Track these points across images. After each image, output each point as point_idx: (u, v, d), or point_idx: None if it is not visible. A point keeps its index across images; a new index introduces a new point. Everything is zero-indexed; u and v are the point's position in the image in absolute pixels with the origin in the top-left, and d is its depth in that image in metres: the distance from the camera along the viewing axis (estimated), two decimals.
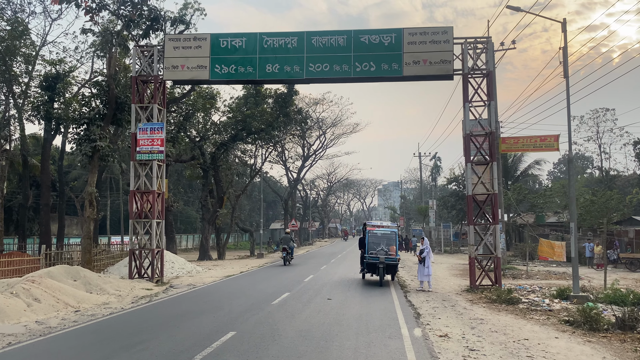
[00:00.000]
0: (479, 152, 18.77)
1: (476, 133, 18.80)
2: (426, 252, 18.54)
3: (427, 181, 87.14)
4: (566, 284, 21.33)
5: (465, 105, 18.77)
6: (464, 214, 54.64)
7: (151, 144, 19.80)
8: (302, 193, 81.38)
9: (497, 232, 18.28)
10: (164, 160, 20.60)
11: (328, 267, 27.25)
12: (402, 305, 13.69)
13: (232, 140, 40.17)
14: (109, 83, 21.86)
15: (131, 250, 19.98)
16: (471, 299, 15.87)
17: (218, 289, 17.51)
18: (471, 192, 18.44)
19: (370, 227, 19.52)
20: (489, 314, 12.92)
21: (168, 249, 33.22)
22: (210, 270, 26.85)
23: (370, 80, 20.22)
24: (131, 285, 18.05)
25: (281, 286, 17.44)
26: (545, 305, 14.64)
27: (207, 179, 40.79)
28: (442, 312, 13.05)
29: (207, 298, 14.89)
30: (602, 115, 62.15)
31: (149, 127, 19.87)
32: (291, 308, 12.39)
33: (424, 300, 15.12)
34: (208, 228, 40.93)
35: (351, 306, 13.03)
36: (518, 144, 17.97)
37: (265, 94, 40.59)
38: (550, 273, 27.05)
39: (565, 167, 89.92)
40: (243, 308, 12.46)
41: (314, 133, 66.19)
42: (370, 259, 18.30)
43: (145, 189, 20.12)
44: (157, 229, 20.21)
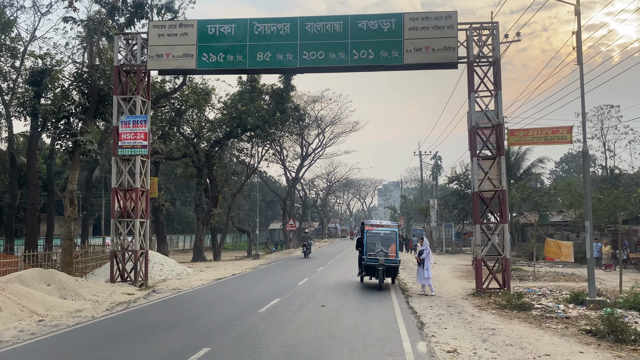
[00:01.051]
0: (485, 145, 17.46)
1: (482, 125, 17.50)
2: (426, 254, 17.26)
3: (427, 181, 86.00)
4: (577, 287, 20.09)
5: (471, 96, 17.46)
6: (466, 213, 53.69)
7: (134, 138, 18.49)
8: (301, 193, 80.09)
9: (506, 231, 16.97)
10: (148, 156, 19.29)
11: (325, 269, 25.92)
12: (404, 312, 12.38)
13: (226, 138, 38.88)
14: (91, 74, 20.54)
15: (112, 252, 18.65)
16: (479, 304, 14.56)
17: (204, 294, 16.19)
18: (477, 189, 17.13)
19: (369, 227, 18.18)
20: (501, 323, 11.61)
21: (159, 251, 32.00)
22: (201, 273, 25.56)
23: (369, 69, 18.92)
24: (111, 290, 16.73)
25: (272, 291, 16.12)
26: (561, 311, 13.33)
27: (201, 178, 39.50)
28: (448, 320, 11.74)
29: (189, 305, 13.58)
30: (606, 112, 60.78)
31: (132, 120, 18.56)
32: (279, 317, 11.07)
33: (427, 306, 13.81)
34: (202, 228, 39.61)
35: (347, 314, 11.71)
36: (528, 136, 16.65)
37: (262, 89, 39.35)
38: (558, 274, 25.80)
39: (567, 166, 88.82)
40: (225, 317, 11.14)
41: (313, 132, 65.06)
42: (369, 261, 16.98)
43: (128, 186, 18.81)
44: (141, 229, 18.90)
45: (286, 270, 24.56)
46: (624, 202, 35.72)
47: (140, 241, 18.82)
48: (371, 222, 18.78)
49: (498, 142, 17.32)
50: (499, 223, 17.24)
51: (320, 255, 41.26)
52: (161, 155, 30.19)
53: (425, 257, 17.24)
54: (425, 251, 17.38)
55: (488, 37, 17.68)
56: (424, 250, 17.41)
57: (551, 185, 53.31)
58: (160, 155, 30.11)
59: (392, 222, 20.40)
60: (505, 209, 17.12)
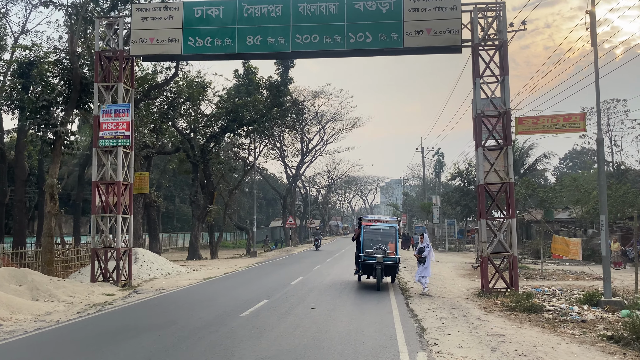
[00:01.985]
0: (491, 135, 16.25)
1: (488, 113, 16.31)
2: (427, 252, 16.13)
3: (430, 177, 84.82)
4: (588, 286, 18.95)
5: (476, 81, 16.25)
6: (469, 210, 52.46)
7: (116, 128, 17.32)
8: (302, 190, 78.95)
9: (513, 226, 15.77)
10: (132, 147, 18.13)
11: (322, 267, 24.76)
12: (403, 315, 11.20)
13: (222, 132, 37.72)
14: (72, 61, 19.36)
15: (93, 250, 17.50)
16: (485, 305, 13.38)
17: (188, 294, 15.04)
18: (483, 181, 15.93)
19: (367, 222, 16.98)
20: (510, 327, 10.42)
21: (151, 249, 30.89)
22: (193, 272, 24.42)
23: (366, 54, 17.70)
24: (90, 290, 15.58)
25: (262, 291, 14.95)
26: (576, 314, 12.14)
27: (197, 174, 38.36)
28: (451, 324, 10.56)
29: (169, 307, 12.42)
30: (612, 107, 59.30)
31: (113, 109, 17.39)
32: (262, 322, 9.89)
33: (428, 309, 12.63)
34: (198, 225, 38.48)
35: (339, 318, 10.53)
36: (537, 124, 15.42)
37: (259, 83, 38.16)
38: (566, 272, 24.61)
39: (571, 162, 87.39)
40: (203, 322, 9.97)
41: (313, 128, 63.89)
42: (366, 259, 15.79)
43: (110, 179, 17.66)
44: (124, 225, 17.75)
45: (281, 269, 23.41)
46: (633, 197, 34.45)
47: (123, 238, 17.68)
48: (369, 217, 17.57)
49: (505, 131, 16.11)
50: (505, 218, 16.04)
51: (318, 253, 40.15)
52: (153, 150, 29.00)
53: (426, 255, 16.11)
54: (427, 249, 16.25)
55: (494, 19, 16.47)
56: (425, 248, 16.28)
57: (557, 181, 51.94)
58: (152, 150, 28.92)
59: (392, 217, 19.20)
60: (513, 203, 15.93)
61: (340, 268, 23.50)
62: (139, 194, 28.67)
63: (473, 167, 52.66)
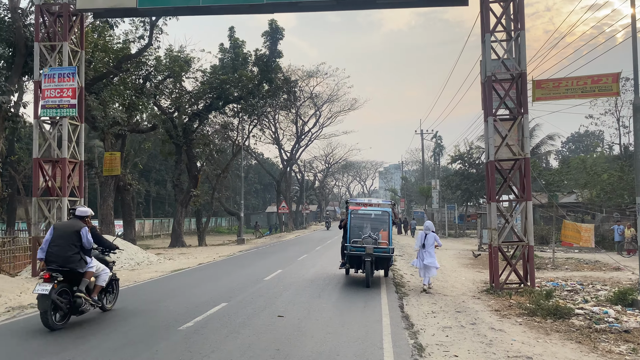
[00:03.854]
0: (503, 102, 13.63)
1: (499, 77, 13.67)
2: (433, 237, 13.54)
3: (429, 162, 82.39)
4: (607, 277, 16.56)
5: (486, 38, 13.57)
6: (470, 194, 49.91)
7: (60, 95, 14.68)
8: (298, 175, 76.45)
9: (529, 210, 13.22)
10: (82, 119, 15.49)
11: (308, 256, 22.23)
12: (395, 326, 8.67)
13: (206, 111, 34.98)
14: (15, 18, 16.67)
15: (34, 239, 14.96)
16: (497, 307, 10.88)
17: (137, 293, 12.49)
18: (493, 157, 13.33)
19: (354, 206, 14.39)
20: (536, 343, 7.92)
21: (126, 237, 28.36)
22: (166, 262, 21.95)
23: (357, 6, 15.01)
24: (24, 288, 13.08)
25: (225, 290, 12.39)
26: (613, 320, 9.63)
27: (180, 155, 35.72)
28: (458, 338, 8.05)
29: (92, 315, 9.80)
30: (620, 86, 56.41)
31: (57, 73, 14.73)
32: (202, 341, 7.26)
33: (428, 313, 10.11)
34: (181, 211, 35.93)
35: (310, 333, 7.97)
36: (560, 88, 12.82)
37: (246, 57, 35.35)
38: (580, 262, 22.22)
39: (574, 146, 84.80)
40: (122, 341, 7.31)
41: (310, 111, 61.15)
42: (354, 250, 13.23)
43: (55, 156, 15.06)
44: None
45: (261, 260, 20.89)
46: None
47: None
48: (357, 201, 14.94)
49: (520, 97, 13.47)
50: (519, 200, 13.48)
51: (309, 239, 37.67)
52: (124, 127, 26.32)
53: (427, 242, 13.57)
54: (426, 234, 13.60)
55: None
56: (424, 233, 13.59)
57: (563, 163, 49.34)
58: (124, 127, 26.24)
59: (385, 201, 16.59)
60: (529, 183, 13.35)
61: (328, 258, 20.96)
62: (110, 175, 26.12)
63: (474, 150, 50.19)
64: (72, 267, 8.58)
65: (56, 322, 8.27)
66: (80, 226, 8.89)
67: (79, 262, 8.67)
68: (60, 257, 8.53)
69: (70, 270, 8.58)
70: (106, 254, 10.07)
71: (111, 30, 26.34)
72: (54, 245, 8.64)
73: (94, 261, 9.16)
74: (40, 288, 8.15)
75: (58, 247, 8.61)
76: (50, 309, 8.14)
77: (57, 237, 8.73)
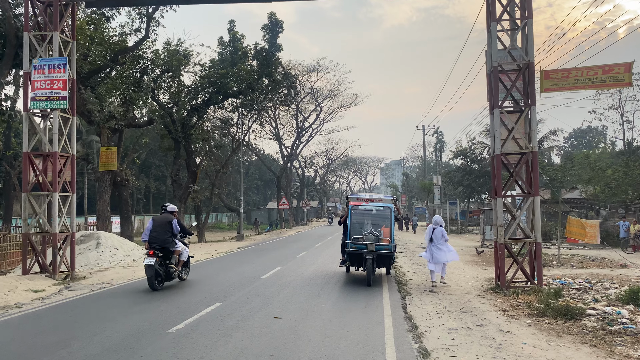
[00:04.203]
0: (509, 94, 13.11)
1: (506, 68, 13.15)
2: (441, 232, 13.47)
3: (430, 158, 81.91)
4: (615, 275, 16.09)
5: (492, 27, 13.04)
6: (472, 190, 49.41)
7: (50, 87, 14.17)
8: (299, 171, 76.00)
9: (537, 206, 12.71)
10: (73, 111, 14.99)
11: (308, 253, 21.75)
12: (398, 328, 8.19)
13: (205, 105, 34.45)
14: (4, 8, 16.15)
15: (25, 236, 14.48)
16: (504, 307, 10.40)
17: (129, 292, 12.03)
18: (500, 151, 12.82)
19: (355, 202, 13.87)
20: (547, 347, 7.44)
21: (123, 233, 27.90)
22: None
23: None
24: (14, 286, 12.63)
25: (220, 289, 11.90)
26: (627, 321, 9.15)
27: (178, 151, 35.21)
28: (465, 342, 7.58)
29: (88, 313, 9.35)
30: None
31: (47, 64, 14.21)
32: (192, 345, 6.79)
33: (432, 313, 9.64)
34: (179, 207, 35.38)
35: (307, 336, 7.48)
36: (569, 79, 12.30)
37: (246, 50, 34.78)
38: (585, 259, 21.77)
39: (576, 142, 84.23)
40: (105, 345, 6.85)
41: (310, 106, 60.63)
42: (354, 248, 12.74)
43: (46, 150, 14.57)
44: (64, 205, 14.72)
45: (260, 256, 20.42)
46: None
47: (62, 221, 14.67)
48: (358, 196, 14.42)
49: (527, 89, 12.95)
50: (527, 196, 12.98)
51: (309, 236, 37.21)
52: (121, 122, 25.81)
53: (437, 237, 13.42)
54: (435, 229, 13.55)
55: None
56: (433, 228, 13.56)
57: (562, 160, 48.81)
58: (120, 122, 25.73)
59: (387, 196, 16.08)
60: (536, 177, 12.84)
61: (328, 255, 20.49)
62: (107, 170, 25.64)
63: (477, 145, 49.70)
64: (167, 247, 12.16)
65: (156, 285, 11.76)
66: (171, 218, 12.58)
67: (171, 243, 12.26)
68: (159, 240, 12.12)
69: (166, 249, 12.15)
70: (185, 238, 13.34)
71: (107, 22, 25.84)
72: (154, 232, 12.22)
73: (179, 243, 12.69)
74: (147, 260, 11.70)
75: (157, 233, 12.20)
76: (154, 275, 11.69)
77: (156, 226, 12.35)
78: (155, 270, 11.62)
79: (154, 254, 11.74)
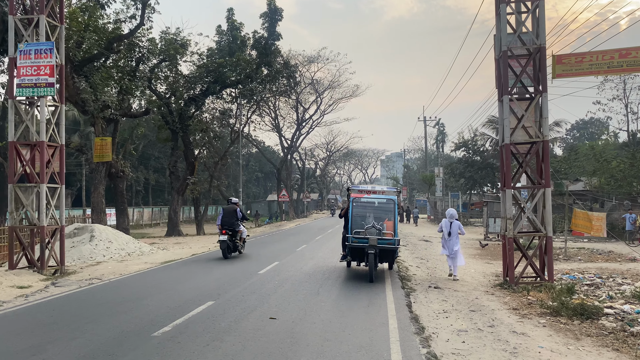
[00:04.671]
0: (519, 81, 12.44)
1: (516, 53, 12.48)
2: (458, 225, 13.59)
3: (431, 150, 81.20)
4: (624, 269, 15.52)
5: (501, 8, 12.34)
6: (474, 182, 48.74)
7: (37, 73, 13.50)
8: (299, 163, 75.37)
9: (548, 198, 12.08)
10: (62, 99, 14.34)
11: (308, 247, 21.15)
12: (404, 330, 7.58)
13: (203, 95, 33.73)
14: None
15: (11, 229, 13.86)
16: (515, 305, 9.80)
17: (119, 288, 11.44)
18: (509, 140, 12.17)
19: (357, 194, 13.22)
20: (567, 351, 6.84)
21: (119, 226, 27.30)
22: (161, 252, 20.98)
23: None
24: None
25: (216, 285, 11.31)
26: None
27: (176, 142, 34.55)
28: (476, 344, 6.98)
29: (69, 313, 8.71)
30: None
31: (34, 49, 13.54)
32: (178, 352, 6.18)
33: (439, 312, 9.03)
34: (177, 199, 34.87)
35: (305, 340, 6.85)
36: (583, 63, 11.63)
37: (244, 39, 34.03)
38: (592, 252, 21.23)
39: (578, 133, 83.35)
40: (84, 351, 6.30)
41: (310, 97, 59.86)
42: (356, 242, 12.10)
43: (33, 140, 13.93)
44: (52, 197, 14.10)
45: (257, 250, 19.81)
46: None
47: (51, 214, 14.06)
48: (360, 187, 13.77)
49: (538, 75, 12.27)
50: (537, 187, 12.34)
51: (309, 228, 36.61)
52: (116, 112, 25.12)
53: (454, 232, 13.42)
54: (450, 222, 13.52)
55: None
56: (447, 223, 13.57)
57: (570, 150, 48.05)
58: (115, 112, 25.05)
59: (390, 188, 15.43)
60: (547, 167, 12.19)
61: (329, 249, 19.88)
62: (102, 162, 25.00)
63: (479, 137, 49.01)
64: (233, 228, 17.02)
65: (228, 254, 16.66)
66: (236, 207, 17.57)
67: (236, 225, 17.11)
68: (228, 223, 16.88)
69: (233, 230, 17.03)
70: (243, 222, 18.07)
71: (102, 10, 25.11)
72: (224, 218, 16.98)
73: (241, 225, 17.55)
74: (221, 237, 16.66)
75: (227, 218, 16.96)
76: (226, 248, 16.57)
77: (225, 214, 17.21)
78: (227, 244, 16.40)
79: (225, 233, 16.55)
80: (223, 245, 16.33)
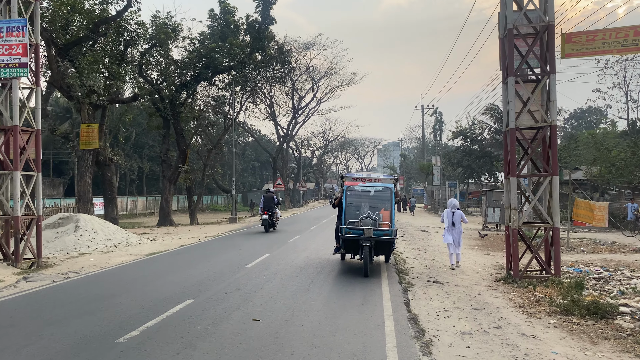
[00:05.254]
0: (525, 61, 11.60)
1: (522, 31, 11.63)
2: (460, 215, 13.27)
3: (428, 139, 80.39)
4: (630, 261, 14.85)
5: None
6: (472, 171, 48.01)
7: (9, 53, 12.59)
8: (295, 152, 74.50)
9: (555, 187, 11.30)
10: (37, 81, 13.44)
11: (301, 238, 20.37)
12: (401, 333, 6.80)
13: (194, 81, 32.76)
14: None
15: None
16: (521, 303, 9.05)
17: (96, 283, 10.64)
18: (514, 124, 11.36)
19: (351, 182, 12.40)
20: (583, 355, 6.11)
21: (107, 215, 26.46)
22: (149, 242, 20.23)
23: None
24: None
25: (198, 280, 10.51)
26: None
27: (168, 129, 33.63)
28: (482, 349, 6.22)
29: (31, 315, 7.88)
30: (630, 58, 54.08)
31: (4, 27, 12.62)
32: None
33: (440, 310, 8.27)
34: (168, 187, 34.03)
35: (289, 345, 6.08)
36: (595, 42, 10.80)
37: (238, 24, 33.02)
38: (595, 243, 20.58)
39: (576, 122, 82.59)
40: None
41: (307, 86, 58.87)
42: (350, 234, 11.30)
43: (6, 125, 13.05)
44: (27, 186, 13.26)
45: (249, 241, 19.06)
46: None
47: (25, 203, 13.22)
48: (354, 175, 12.93)
49: (546, 54, 11.43)
50: (544, 175, 11.56)
51: (304, 218, 35.84)
52: (103, 97, 24.17)
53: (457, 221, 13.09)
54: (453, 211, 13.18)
55: None
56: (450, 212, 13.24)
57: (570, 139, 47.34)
58: (102, 97, 24.09)
59: (386, 175, 14.61)
60: (555, 154, 11.38)
61: (322, 240, 19.10)
62: (88, 149, 24.10)
63: (477, 125, 48.20)
64: (272, 210, 23.20)
65: (269, 229, 23.00)
66: (273, 195, 23.48)
67: (274, 208, 23.43)
68: (268, 206, 23.02)
69: (271, 211, 23.11)
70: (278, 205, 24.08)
71: None
72: (265, 202, 23.03)
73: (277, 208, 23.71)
74: (264, 217, 22.92)
75: (267, 202, 23.03)
76: (267, 224, 22.93)
77: (266, 199, 23.16)
78: (268, 221, 22.57)
79: (267, 214, 22.65)
80: (265, 222, 22.76)
